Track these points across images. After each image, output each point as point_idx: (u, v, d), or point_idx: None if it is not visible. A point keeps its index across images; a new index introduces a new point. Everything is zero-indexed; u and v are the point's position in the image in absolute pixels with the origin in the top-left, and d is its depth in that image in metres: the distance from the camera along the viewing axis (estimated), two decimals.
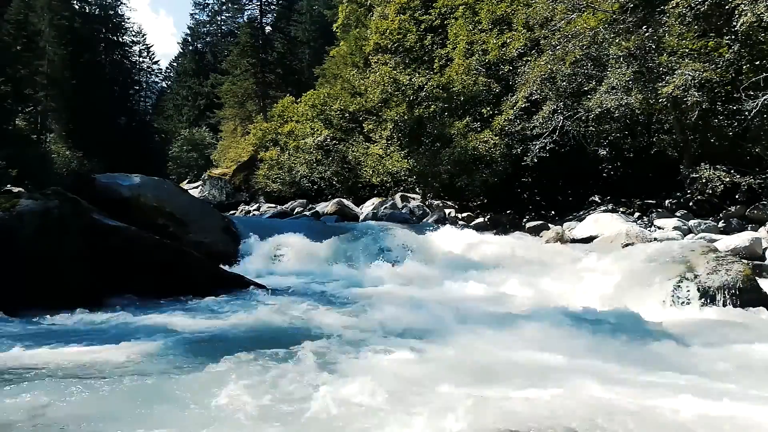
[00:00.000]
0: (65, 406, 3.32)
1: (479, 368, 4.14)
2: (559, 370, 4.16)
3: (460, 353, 4.50)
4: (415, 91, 18.28)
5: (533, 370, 4.11)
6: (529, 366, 4.24)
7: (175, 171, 44.06)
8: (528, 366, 4.24)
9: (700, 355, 4.69)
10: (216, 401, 3.41)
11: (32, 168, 20.13)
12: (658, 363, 4.32)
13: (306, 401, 3.40)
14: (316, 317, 5.74)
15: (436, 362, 4.28)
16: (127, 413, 3.25)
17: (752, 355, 4.74)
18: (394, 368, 4.12)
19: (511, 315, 5.94)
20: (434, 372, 4.02)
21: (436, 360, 4.34)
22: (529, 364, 4.31)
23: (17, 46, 24.01)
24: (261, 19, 44.86)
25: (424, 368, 4.14)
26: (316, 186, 24.36)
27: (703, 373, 3.87)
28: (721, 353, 4.74)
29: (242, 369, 4.02)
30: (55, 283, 6.14)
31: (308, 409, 3.30)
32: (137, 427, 3.07)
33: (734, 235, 10.74)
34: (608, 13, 13.93)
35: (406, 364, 4.22)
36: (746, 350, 4.85)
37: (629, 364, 4.30)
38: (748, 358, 4.66)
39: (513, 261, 9.78)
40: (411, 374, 3.95)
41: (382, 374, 3.91)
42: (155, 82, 61.42)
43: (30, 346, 4.58)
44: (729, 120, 13.33)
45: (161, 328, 5.33)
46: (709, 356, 4.65)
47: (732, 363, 4.48)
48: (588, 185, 16.58)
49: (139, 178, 10.74)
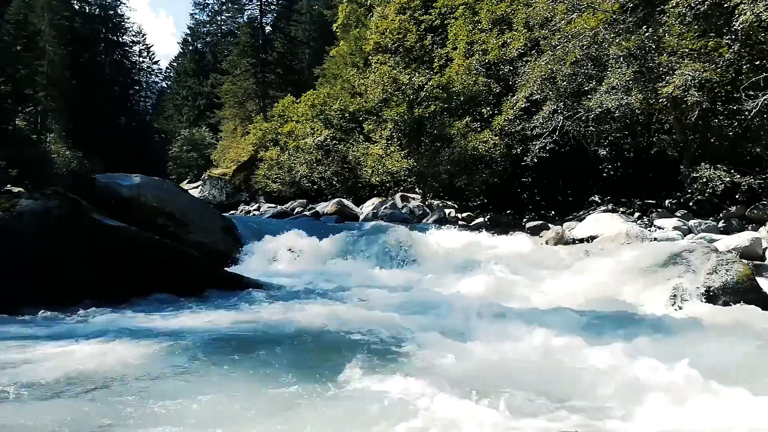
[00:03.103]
0: (64, 406, 3.32)
1: (480, 369, 4.14)
2: (560, 370, 4.16)
3: (460, 353, 4.50)
4: (415, 91, 18.29)
5: (533, 371, 4.11)
6: (529, 366, 4.24)
7: (175, 171, 44.04)
8: (528, 366, 4.24)
9: (700, 355, 4.68)
10: (215, 401, 3.41)
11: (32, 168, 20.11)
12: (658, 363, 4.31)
13: (305, 401, 3.40)
14: (315, 317, 5.74)
15: (436, 362, 4.28)
16: (126, 413, 3.25)
17: (752, 355, 4.74)
18: (394, 369, 4.12)
19: (511, 315, 5.93)
20: (434, 372, 4.02)
21: (436, 360, 4.34)
22: (529, 364, 4.31)
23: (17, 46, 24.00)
24: (261, 19, 44.88)
25: (424, 368, 4.14)
26: (316, 186, 24.37)
27: (703, 372, 3.86)
28: (721, 353, 4.74)
29: (242, 369, 4.02)
30: (55, 283, 6.14)
31: (307, 409, 3.30)
32: (136, 426, 3.07)
33: (734, 235, 10.74)
34: (608, 13, 13.93)
35: (406, 365, 4.22)
36: (746, 350, 4.84)
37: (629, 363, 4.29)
38: (748, 358, 4.65)
39: (513, 261, 9.77)
40: (411, 375, 3.94)
41: (382, 374, 3.92)
42: (155, 82, 61.46)
43: (30, 345, 4.58)
44: (729, 120, 13.33)
45: (161, 327, 5.33)
46: (709, 356, 4.64)
47: (732, 363, 4.47)
48: (588, 185, 16.57)
49: (139, 178, 10.73)
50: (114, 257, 6.66)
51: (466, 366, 4.19)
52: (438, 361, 4.29)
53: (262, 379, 3.81)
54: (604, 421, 3.24)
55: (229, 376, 3.90)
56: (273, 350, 4.45)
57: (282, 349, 4.48)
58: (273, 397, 3.46)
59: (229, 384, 3.71)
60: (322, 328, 5.30)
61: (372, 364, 4.21)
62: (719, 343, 5.01)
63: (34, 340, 4.80)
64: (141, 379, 3.84)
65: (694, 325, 5.63)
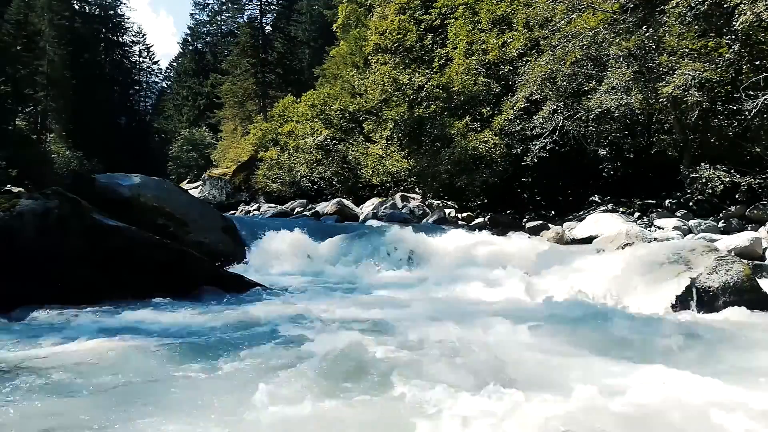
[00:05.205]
0: (63, 405, 3.32)
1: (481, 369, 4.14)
2: (561, 370, 4.16)
3: (460, 353, 4.50)
4: (415, 91, 18.30)
5: (534, 371, 4.11)
6: (529, 367, 4.24)
7: (175, 171, 44.09)
8: (529, 367, 4.24)
9: (700, 355, 4.69)
10: (214, 400, 3.42)
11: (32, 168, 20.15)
12: (658, 363, 4.32)
13: (305, 401, 3.40)
14: (315, 317, 5.74)
15: (435, 362, 4.28)
16: (126, 412, 3.25)
17: (752, 355, 4.74)
18: (395, 368, 4.12)
19: (511, 315, 5.93)
20: (434, 372, 4.02)
21: (436, 360, 4.34)
22: (530, 365, 4.31)
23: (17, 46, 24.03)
24: (261, 19, 44.92)
25: (424, 369, 4.13)
26: (316, 186, 24.39)
27: (703, 372, 3.87)
28: (720, 353, 4.74)
29: (242, 369, 4.02)
30: (55, 283, 6.14)
31: (307, 409, 3.30)
32: (136, 425, 3.07)
33: (734, 235, 10.74)
34: (608, 13, 13.93)
35: (406, 364, 4.22)
36: (746, 350, 4.85)
37: (630, 363, 4.30)
38: (748, 358, 4.66)
39: (513, 261, 9.77)
40: (411, 374, 3.94)
41: (382, 374, 3.92)
42: (155, 82, 61.58)
43: (30, 345, 4.58)
44: (729, 120, 13.33)
45: (161, 327, 5.33)
46: (708, 356, 4.65)
47: (732, 363, 4.48)
48: (588, 185, 16.58)
49: (139, 178, 10.73)
50: (114, 257, 6.66)
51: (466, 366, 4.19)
52: (439, 361, 4.29)
53: (261, 378, 3.81)
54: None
55: (228, 375, 3.89)
56: (273, 350, 4.45)
57: (282, 350, 4.48)
58: (273, 396, 3.46)
59: (228, 384, 3.71)
60: (322, 329, 5.30)
61: (372, 364, 4.21)
62: (719, 343, 5.01)
63: (33, 339, 4.80)
64: (141, 379, 3.84)
65: (694, 326, 5.63)
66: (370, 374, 3.91)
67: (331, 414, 3.27)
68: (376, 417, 3.22)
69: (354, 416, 3.24)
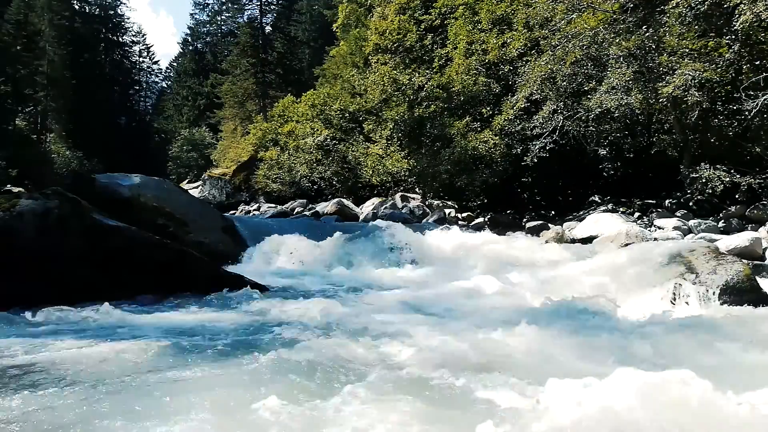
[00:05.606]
0: (63, 405, 3.32)
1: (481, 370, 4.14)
2: (561, 371, 4.16)
3: (461, 353, 4.50)
4: (415, 91, 18.30)
5: (534, 372, 4.11)
6: (529, 367, 4.24)
7: (175, 171, 44.08)
8: (528, 367, 4.24)
9: (700, 355, 4.69)
10: (214, 400, 3.42)
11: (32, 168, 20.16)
12: (658, 363, 4.32)
13: (305, 401, 3.40)
14: (314, 317, 5.74)
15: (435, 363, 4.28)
16: (125, 412, 3.25)
17: (753, 355, 4.74)
18: (395, 369, 4.12)
19: (511, 315, 5.93)
20: (434, 372, 4.02)
21: (436, 360, 4.34)
22: (530, 365, 4.31)
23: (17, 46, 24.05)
24: (261, 19, 44.90)
25: (423, 368, 4.13)
26: (316, 186, 24.39)
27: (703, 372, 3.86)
28: (720, 353, 4.74)
29: (242, 368, 4.02)
30: (55, 282, 6.14)
31: (307, 409, 3.30)
32: (135, 425, 3.07)
33: (734, 235, 10.74)
34: (608, 13, 13.94)
35: (406, 365, 4.22)
36: (746, 350, 4.84)
37: (630, 363, 4.29)
38: (748, 358, 4.65)
39: (513, 261, 9.78)
40: (411, 375, 3.94)
41: (382, 374, 3.92)
42: (155, 82, 61.58)
43: (29, 345, 4.58)
44: (729, 120, 13.34)
45: (161, 327, 5.33)
46: (708, 356, 4.65)
47: (732, 363, 4.48)
48: (588, 185, 16.59)
49: (139, 178, 10.74)
50: (114, 257, 6.66)
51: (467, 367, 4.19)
52: (438, 362, 4.29)
53: (260, 378, 3.81)
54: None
55: (227, 375, 3.89)
56: (273, 350, 4.45)
57: (282, 350, 4.48)
58: (272, 396, 3.46)
59: (227, 384, 3.71)
60: (322, 329, 5.30)
61: (372, 364, 4.21)
62: (719, 343, 5.00)
63: (33, 339, 4.80)
64: (141, 378, 3.84)
65: (694, 326, 5.63)
66: (371, 374, 3.91)
67: (331, 414, 3.27)
68: (377, 417, 3.22)
69: (354, 416, 3.23)
